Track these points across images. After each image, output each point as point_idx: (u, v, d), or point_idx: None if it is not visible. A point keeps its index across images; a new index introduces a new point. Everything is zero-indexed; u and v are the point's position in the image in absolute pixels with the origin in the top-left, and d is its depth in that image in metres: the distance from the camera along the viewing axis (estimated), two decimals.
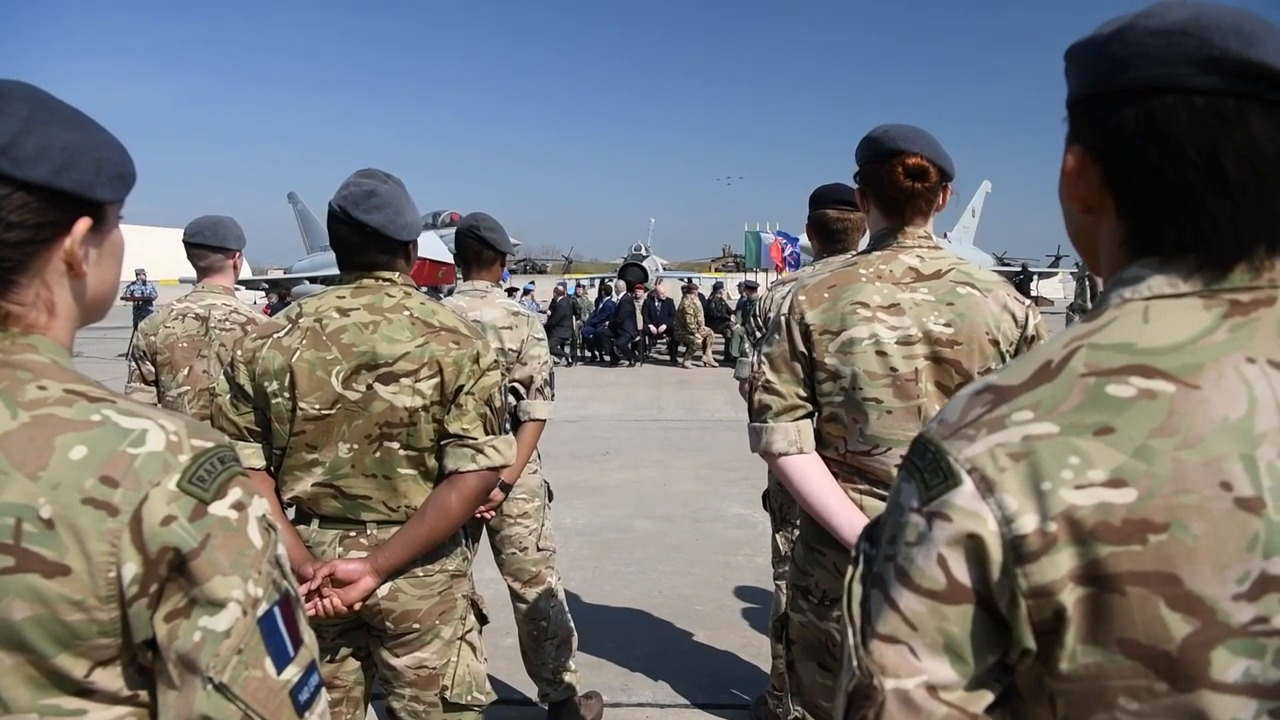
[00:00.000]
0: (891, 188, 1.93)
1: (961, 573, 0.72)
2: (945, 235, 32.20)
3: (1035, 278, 32.03)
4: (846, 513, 1.87)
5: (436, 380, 1.98)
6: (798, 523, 2.86)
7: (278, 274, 35.23)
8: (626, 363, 17.53)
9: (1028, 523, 0.70)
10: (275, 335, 2.03)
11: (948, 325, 1.88)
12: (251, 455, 2.02)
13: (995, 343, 1.90)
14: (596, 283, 22.82)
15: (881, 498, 1.89)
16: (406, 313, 2.02)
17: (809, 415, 1.96)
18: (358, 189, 2.00)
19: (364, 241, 2.03)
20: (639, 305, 18.16)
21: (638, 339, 17.94)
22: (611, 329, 17.67)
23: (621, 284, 20.59)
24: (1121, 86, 0.78)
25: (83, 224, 0.91)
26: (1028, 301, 1.98)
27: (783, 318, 1.96)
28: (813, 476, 1.92)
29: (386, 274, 2.06)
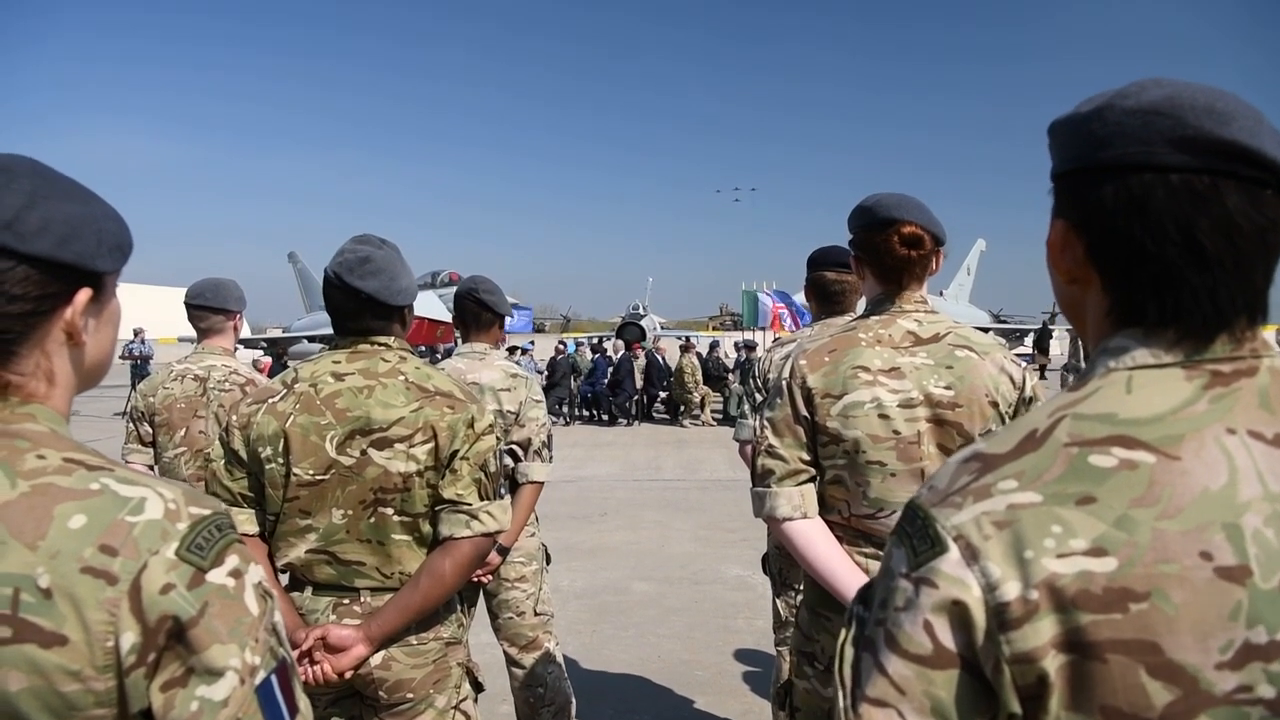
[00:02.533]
0: (887, 256, 1.96)
1: (947, 638, 0.73)
2: (941, 293, 32.49)
3: (1033, 334, 32.18)
4: (852, 577, 1.85)
5: (431, 445, 1.97)
6: (799, 587, 2.82)
7: (276, 333, 35.33)
8: (625, 422, 17.49)
9: (1011, 590, 0.71)
10: (270, 400, 2.02)
11: (948, 388, 1.89)
12: (245, 521, 2.00)
13: (995, 404, 1.90)
14: (594, 341, 22.88)
15: None
16: (401, 377, 2.02)
17: (812, 479, 1.95)
18: (353, 255, 2.02)
19: (359, 307, 2.04)
20: (637, 364, 18.19)
21: (636, 398, 17.93)
22: (610, 388, 17.67)
23: (619, 343, 20.66)
24: (1101, 163, 0.80)
25: (83, 294, 0.93)
26: (1024, 364, 1.99)
27: (784, 382, 1.96)
28: (817, 541, 1.91)
29: (382, 339, 2.07)
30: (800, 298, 14.41)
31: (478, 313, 3.23)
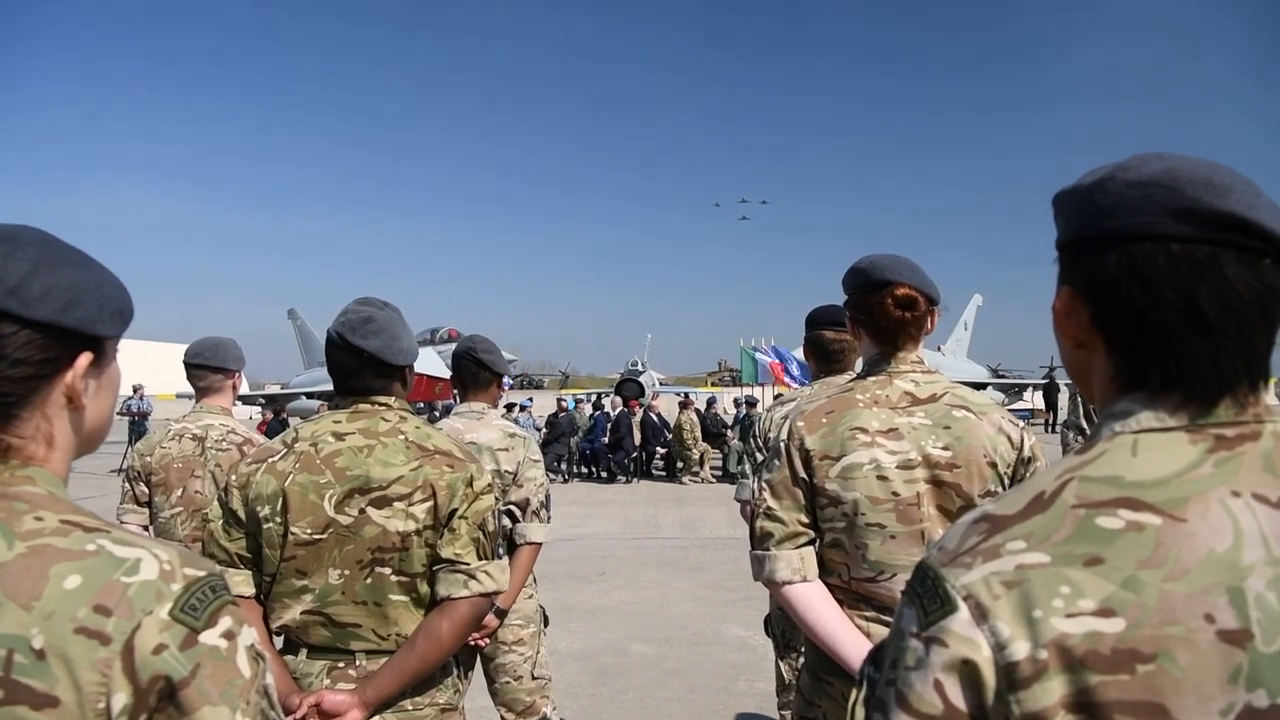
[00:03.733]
0: (882, 318, 1.98)
1: (957, 698, 0.74)
2: (939, 348, 32.55)
3: (1033, 388, 32.19)
4: (853, 641, 1.83)
5: (430, 504, 1.97)
6: (802, 649, 2.78)
7: (275, 389, 35.34)
8: (623, 479, 17.39)
9: (1020, 649, 0.72)
10: (270, 460, 2.03)
11: (946, 449, 1.89)
12: (241, 583, 1.99)
13: (993, 465, 1.90)
14: (591, 398, 22.85)
15: (888, 624, 1.85)
16: (401, 436, 2.03)
17: (811, 542, 1.94)
18: (356, 315, 2.05)
19: (361, 366, 2.06)
20: (635, 420, 18.15)
21: (635, 455, 17.85)
22: (609, 445, 17.60)
23: (618, 400, 20.63)
24: (1104, 233, 0.83)
25: (84, 359, 0.95)
26: (1022, 423, 1.99)
27: (782, 443, 1.96)
28: (818, 605, 1.89)
29: (382, 399, 2.09)
30: (799, 352, 14.46)
31: (476, 372, 3.25)
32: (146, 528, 3.36)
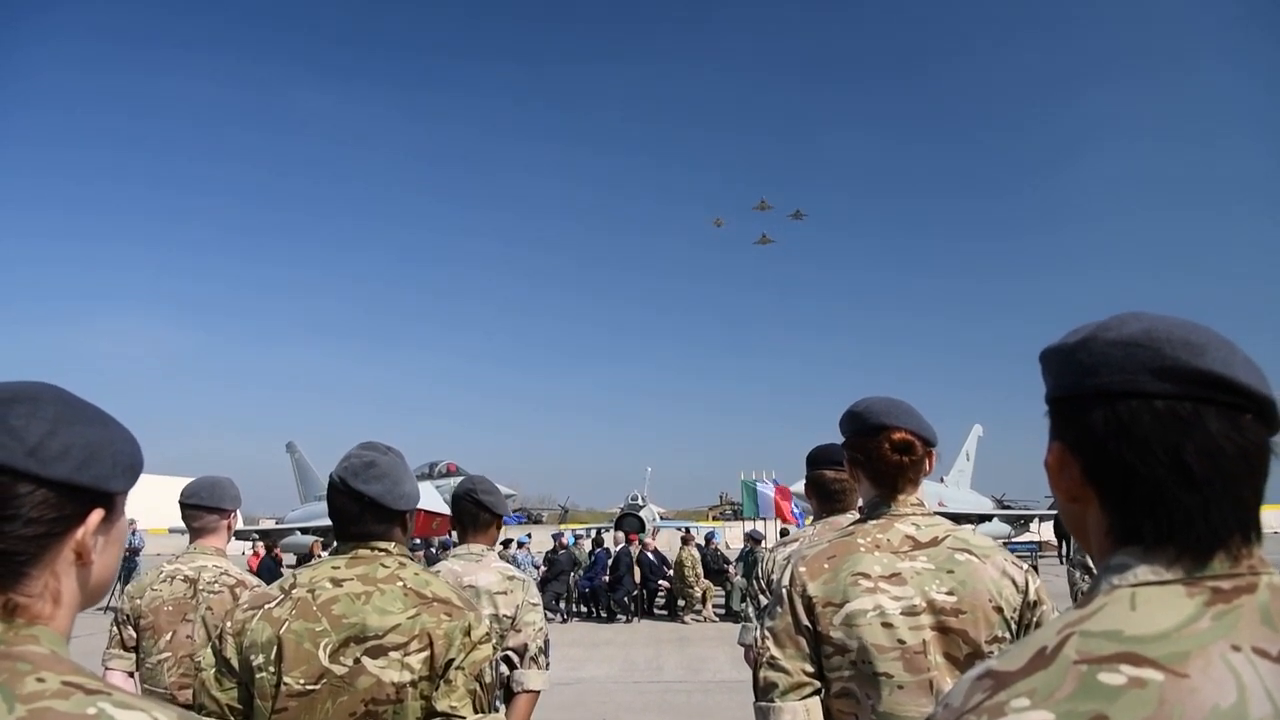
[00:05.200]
0: (880, 462, 2.00)
1: None
2: (941, 479, 32.26)
3: (1039, 519, 31.71)
4: None
5: (426, 654, 1.93)
6: None
7: (269, 524, 34.81)
8: (624, 618, 16.88)
9: None
10: (266, 606, 2.00)
11: (950, 593, 1.87)
12: None
13: (999, 609, 1.87)
14: (591, 533, 22.50)
15: None
16: (400, 583, 2.01)
17: (817, 692, 1.89)
18: (358, 460, 2.07)
19: (361, 511, 2.06)
20: (635, 557, 17.78)
21: (635, 593, 17.40)
22: (609, 583, 17.17)
23: (619, 534, 20.31)
24: (1091, 390, 0.87)
25: (96, 515, 0.97)
26: (1025, 566, 1.98)
27: (784, 590, 1.94)
28: None
29: (382, 544, 2.07)
30: (799, 486, 14.36)
31: (476, 513, 3.23)
32: (132, 674, 3.26)
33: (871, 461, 2.02)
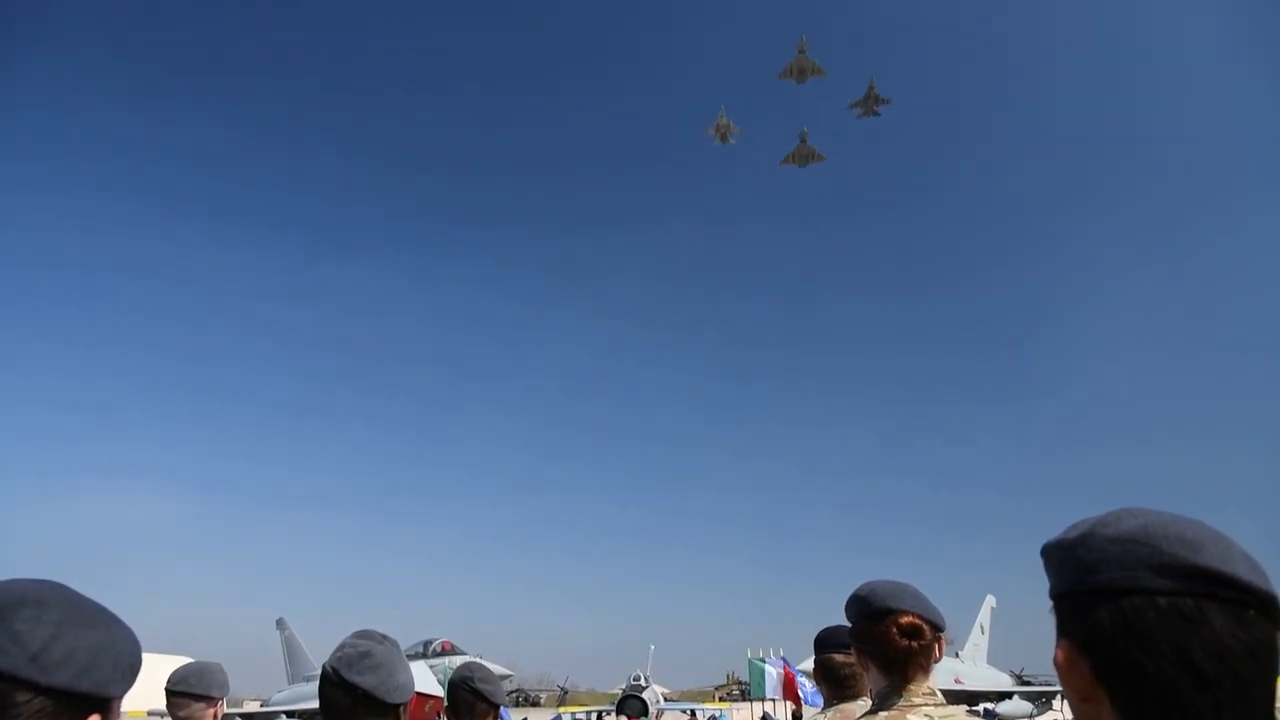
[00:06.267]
0: (888, 647, 1.95)
1: None
2: (957, 654, 30.97)
3: (1061, 697, 30.13)
4: None
5: None
6: None
7: (254, 706, 33.09)
8: None
9: None
10: None
11: None
12: None
13: None
14: (591, 717, 21.32)
15: None
16: None
17: None
18: (353, 650, 2.01)
19: (354, 704, 1.98)
20: None
21: None
22: None
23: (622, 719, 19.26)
24: (1093, 587, 0.87)
25: None
26: None
27: None
28: None
29: None
30: (808, 665, 13.70)
31: (473, 702, 3.11)
32: None
33: (879, 647, 1.97)
